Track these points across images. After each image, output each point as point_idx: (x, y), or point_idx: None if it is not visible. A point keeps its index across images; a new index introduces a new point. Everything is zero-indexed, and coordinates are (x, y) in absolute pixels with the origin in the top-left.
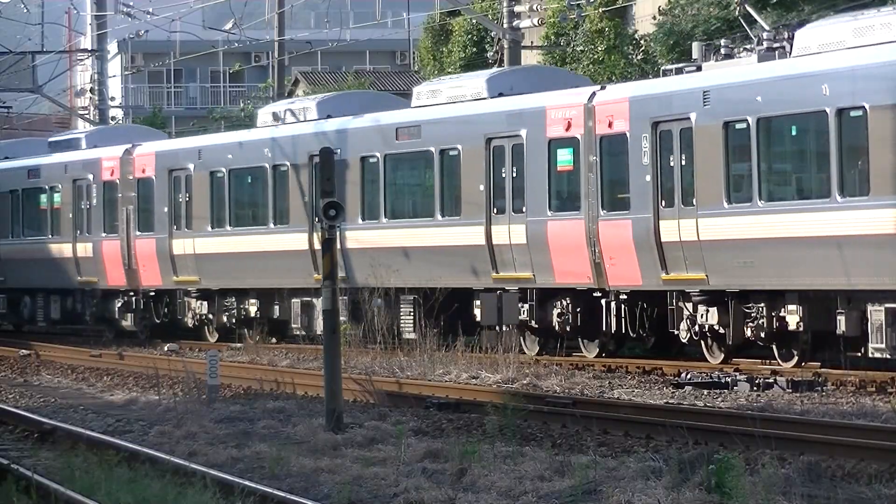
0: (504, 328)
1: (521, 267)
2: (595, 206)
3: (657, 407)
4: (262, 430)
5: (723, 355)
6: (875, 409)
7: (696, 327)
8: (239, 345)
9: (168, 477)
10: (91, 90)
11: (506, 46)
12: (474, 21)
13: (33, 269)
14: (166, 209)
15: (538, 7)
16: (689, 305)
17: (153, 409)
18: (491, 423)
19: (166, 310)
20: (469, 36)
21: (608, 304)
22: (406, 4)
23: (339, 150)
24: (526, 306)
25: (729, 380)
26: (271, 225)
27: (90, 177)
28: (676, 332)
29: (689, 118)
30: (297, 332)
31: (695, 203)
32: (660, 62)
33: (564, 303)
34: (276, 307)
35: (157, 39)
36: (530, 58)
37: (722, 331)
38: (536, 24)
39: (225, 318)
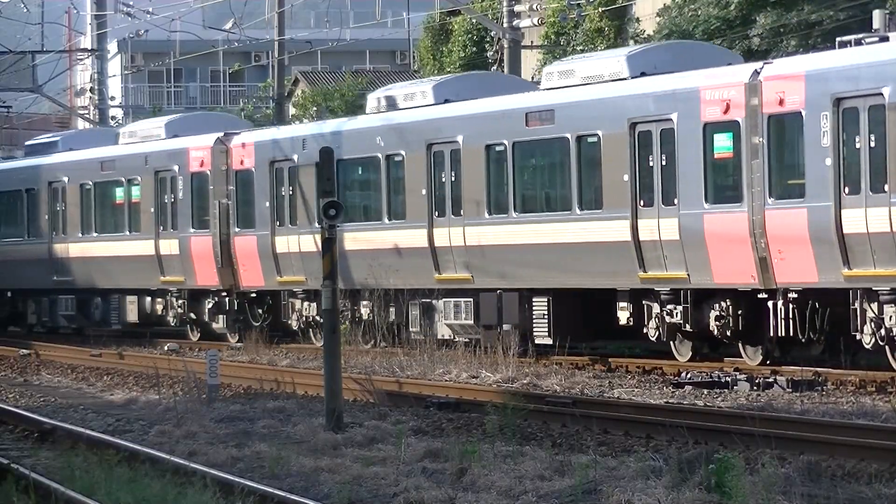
0: (504, 328)
1: (673, 265)
2: (761, 195)
3: (657, 407)
4: (262, 430)
5: None
6: (875, 409)
7: (882, 331)
8: (239, 344)
9: (168, 477)
10: (91, 90)
11: (506, 46)
12: (474, 21)
13: (106, 268)
14: (268, 204)
15: (538, 7)
16: (875, 306)
17: (153, 409)
18: (491, 423)
19: (262, 311)
20: (469, 36)
21: (775, 304)
22: (406, 4)
23: (459, 138)
24: (679, 308)
25: (729, 380)
26: (385, 220)
27: (175, 168)
28: (859, 337)
29: (880, 94)
30: (416, 337)
31: (886, 189)
32: None
33: (724, 304)
34: (392, 309)
35: (157, 39)
36: (530, 58)
37: None
38: (536, 23)
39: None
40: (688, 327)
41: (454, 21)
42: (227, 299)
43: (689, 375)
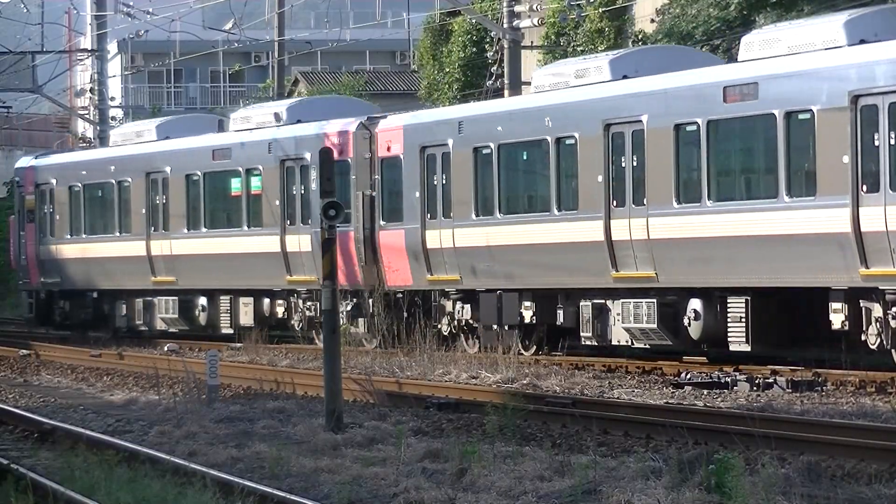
0: (504, 328)
1: None
2: None
3: (657, 407)
4: (262, 430)
5: None
6: (875, 409)
7: None
8: (239, 344)
9: (168, 477)
10: (91, 90)
11: (506, 46)
12: (474, 21)
13: (217, 267)
14: (418, 194)
15: (538, 7)
16: None
17: (153, 409)
18: (491, 423)
19: (408, 314)
20: (469, 36)
21: None
22: (406, 4)
23: (641, 118)
24: None
25: (729, 380)
26: (555, 212)
27: (307, 156)
28: None
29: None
30: (588, 342)
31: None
32: None
33: None
34: (560, 311)
35: (157, 39)
36: (530, 58)
37: None
38: (536, 24)
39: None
40: None
41: (454, 21)
42: (369, 301)
43: (688, 376)
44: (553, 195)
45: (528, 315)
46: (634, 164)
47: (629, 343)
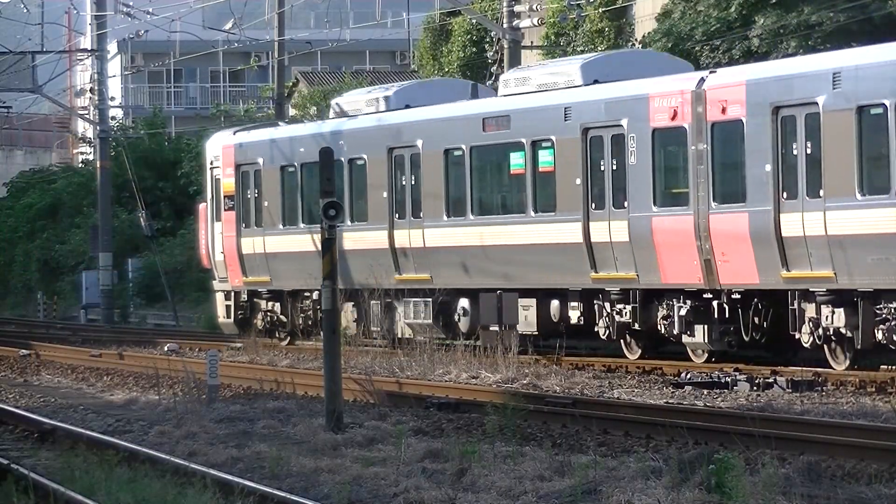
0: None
1: None
2: None
3: (657, 407)
4: (262, 430)
5: None
6: (875, 409)
7: None
8: (238, 344)
9: (168, 477)
10: (91, 90)
11: (506, 46)
12: (474, 21)
13: (490, 262)
14: (769, 168)
15: (538, 7)
16: None
17: (153, 409)
18: (491, 423)
19: (757, 319)
20: (469, 36)
21: None
22: (406, 4)
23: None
24: None
25: (729, 380)
26: None
27: (622, 123)
28: None
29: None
30: None
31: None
32: None
33: None
34: None
35: (157, 39)
36: (530, 58)
37: None
38: (536, 24)
39: (880, 334)
40: None
41: (454, 21)
42: (714, 304)
43: (689, 375)
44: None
45: None
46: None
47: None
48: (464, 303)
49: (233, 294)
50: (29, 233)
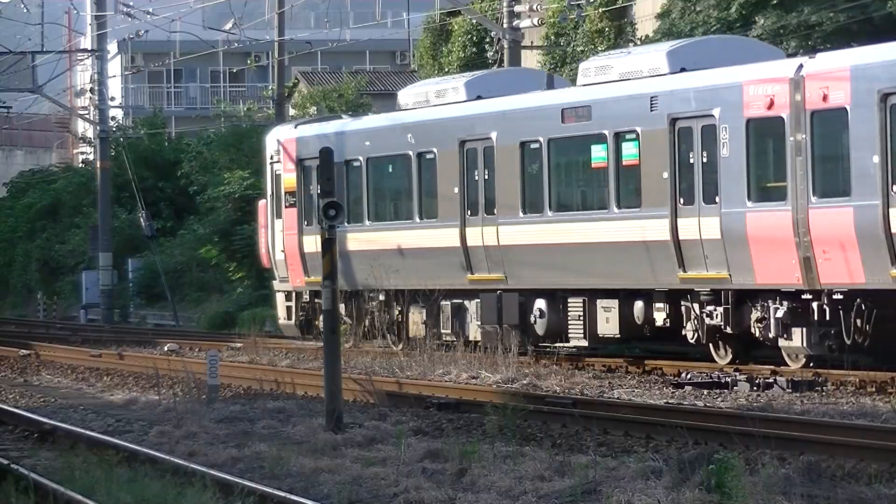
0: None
1: None
2: None
3: (657, 407)
4: (262, 430)
5: None
6: (875, 409)
7: None
8: (238, 344)
9: (168, 477)
10: (91, 90)
11: (506, 46)
12: (474, 21)
13: (568, 261)
14: (877, 158)
15: (538, 7)
16: None
17: (153, 409)
18: (491, 423)
19: (860, 321)
20: (469, 36)
21: None
22: (406, 4)
23: None
24: None
25: (729, 380)
26: None
27: (713, 113)
28: None
29: None
30: None
31: None
32: None
33: None
34: None
35: (157, 39)
36: (530, 58)
37: None
38: (536, 24)
39: None
40: None
41: (454, 21)
42: (814, 305)
43: (689, 376)
44: None
45: None
46: None
47: None
48: (540, 304)
49: (294, 295)
50: (29, 233)
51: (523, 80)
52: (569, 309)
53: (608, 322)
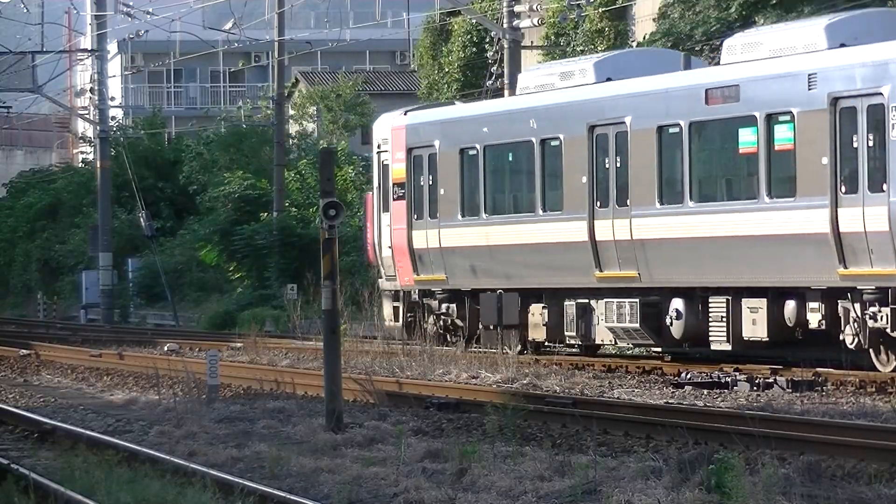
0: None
1: None
2: None
3: (657, 407)
4: (262, 430)
5: None
6: (875, 409)
7: None
8: (238, 344)
9: (168, 477)
10: (91, 90)
11: (506, 46)
12: (474, 21)
13: (711, 256)
14: None
15: (538, 7)
16: None
17: (153, 409)
18: (491, 423)
19: None
20: (469, 36)
21: None
22: (406, 4)
23: None
24: None
25: (729, 380)
26: None
27: (882, 91)
28: None
29: None
30: None
31: None
32: None
33: None
34: None
35: (157, 39)
36: (530, 58)
37: None
38: (536, 24)
39: None
40: None
41: (454, 21)
42: None
43: (689, 375)
44: None
45: None
46: None
47: None
48: (677, 304)
49: (402, 294)
50: (29, 233)
51: (657, 61)
52: (710, 309)
53: (755, 324)
